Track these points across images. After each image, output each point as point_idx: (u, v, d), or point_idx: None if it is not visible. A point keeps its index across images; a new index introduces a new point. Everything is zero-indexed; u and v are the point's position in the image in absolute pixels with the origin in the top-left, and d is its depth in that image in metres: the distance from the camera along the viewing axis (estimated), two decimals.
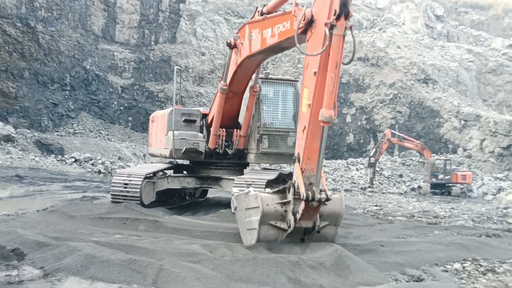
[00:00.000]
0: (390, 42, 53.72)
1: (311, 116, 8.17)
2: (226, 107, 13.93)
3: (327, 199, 8.05)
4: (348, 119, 50.16)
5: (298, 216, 8.21)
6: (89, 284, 6.40)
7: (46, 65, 45.69)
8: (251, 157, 14.56)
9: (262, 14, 11.19)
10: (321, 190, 8.02)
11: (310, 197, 7.92)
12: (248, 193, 9.12)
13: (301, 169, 8.24)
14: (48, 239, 8.34)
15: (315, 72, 8.20)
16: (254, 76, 13.35)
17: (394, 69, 50.49)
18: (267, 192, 8.94)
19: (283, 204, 8.45)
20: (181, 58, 53.83)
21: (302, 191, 8.00)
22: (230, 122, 14.40)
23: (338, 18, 7.81)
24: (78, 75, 48.81)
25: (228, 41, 12.30)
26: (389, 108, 49.08)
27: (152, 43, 54.88)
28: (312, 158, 8.25)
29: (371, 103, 49.80)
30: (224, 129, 14.30)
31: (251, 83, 13.43)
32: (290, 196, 8.31)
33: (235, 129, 14.42)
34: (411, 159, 43.36)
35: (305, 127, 8.26)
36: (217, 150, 14.58)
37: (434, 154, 40.95)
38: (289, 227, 8.36)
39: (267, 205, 8.43)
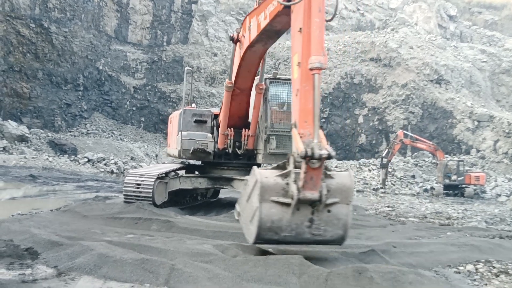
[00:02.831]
0: (402, 43, 53.48)
1: (302, 74, 7.65)
2: (234, 105, 13.83)
3: (329, 157, 7.24)
4: (360, 119, 50.00)
5: (300, 183, 7.34)
6: (102, 283, 6.44)
7: (59, 65, 46.01)
8: (259, 158, 14.50)
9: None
10: (322, 147, 7.30)
11: (309, 153, 7.18)
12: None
13: (299, 134, 7.59)
14: (62, 238, 8.41)
15: (300, 29, 7.93)
16: (259, 73, 13.26)
17: (406, 69, 50.24)
18: (266, 168, 8.13)
19: (284, 176, 7.59)
20: (193, 59, 53.97)
21: (301, 148, 7.28)
22: (240, 121, 14.31)
23: None
24: (91, 75, 49.11)
25: (231, 35, 12.16)
26: (401, 109, 48.85)
27: (165, 43, 55.09)
28: (308, 121, 7.62)
29: (384, 103, 49.60)
30: (232, 129, 14.24)
31: (257, 81, 13.34)
32: (291, 166, 7.51)
33: (243, 129, 14.36)
34: (424, 160, 43.13)
35: (298, 90, 7.72)
36: (227, 150, 14.55)
37: (447, 155, 40.69)
38: (293, 199, 7.39)
39: (266, 177, 7.56)
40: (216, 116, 14.99)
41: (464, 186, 34.84)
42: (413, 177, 39.54)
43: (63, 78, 46.37)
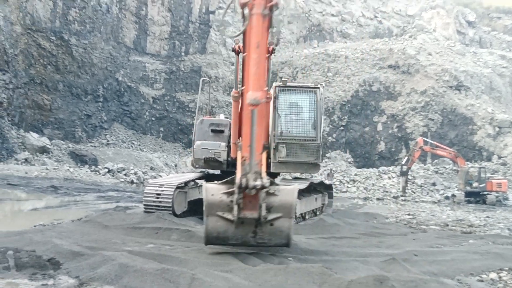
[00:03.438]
0: (421, 49, 53.19)
1: (244, 104, 8.05)
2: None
3: (263, 187, 7.76)
4: (379, 127, 49.74)
5: (241, 205, 7.93)
6: None
7: (79, 77, 46.55)
8: (271, 166, 14.53)
9: None
10: (257, 178, 7.73)
11: (243, 185, 7.70)
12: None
13: (242, 157, 8.03)
14: (83, 248, 8.49)
15: (244, 57, 8.09)
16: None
17: (425, 76, 49.93)
18: (216, 183, 8.65)
19: (229, 194, 8.13)
20: (211, 68, 54.25)
21: (237, 178, 7.80)
22: None
23: None
24: (111, 86, 49.59)
25: (233, 46, 12.36)
26: (421, 116, 48.52)
27: (183, 54, 55.45)
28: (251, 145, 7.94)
29: (403, 110, 49.30)
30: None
31: None
32: (235, 186, 7.98)
33: None
34: (444, 167, 42.72)
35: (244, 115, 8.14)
36: None
37: (468, 162, 40.26)
38: (234, 217, 8.06)
39: (212, 195, 8.23)
40: None
41: (486, 193, 34.42)
42: (434, 184, 39.19)
43: (83, 89, 46.89)
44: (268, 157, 14.56)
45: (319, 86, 14.64)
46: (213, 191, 8.27)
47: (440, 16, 61.90)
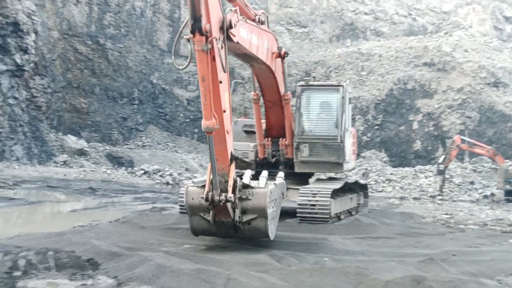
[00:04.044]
0: (457, 46, 52.24)
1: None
2: (272, 117, 14.09)
3: (227, 201, 8.56)
4: (415, 125, 49.02)
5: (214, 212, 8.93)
6: None
7: (115, 80, 47.26)
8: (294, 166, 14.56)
9: None
10: (221, 193, 8.51)
11: (209, 200, 8.59)
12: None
13: (217, 168, 8.68)
14: (121, 249, 8.63)
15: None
16: (282, 85, 13.36)
17: (462, 73, 49.02)
18: (197, 186, 9.38)
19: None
20: (244, 69, 54.27)
21: (204, 193, 8.69)
22: (283, 131, 14.46)
23: (193, 34, 8.39)
24: (146, 89, 50.16)
25: None
26: (457, 114, 47.65)
27: None
28: (219, 159, 8.69)
29: (439, 109, 48.48)
30: (269, 139, 14.42)
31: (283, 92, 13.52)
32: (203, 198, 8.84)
33: (281, 138, 14.45)
34: (483, 166, 41.82)
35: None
36: (269, 160, 14.63)
37: (507, 160, 39.32)
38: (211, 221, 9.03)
39: (192, 198, 9.08)
40: None
41: None
42: (472, 183, 38.40)
43: (119, 92, 47.57)
44: (291, 157, 14.56)
45: (342, 84, 14.55)
46: (193, 195, 9.11)
47: (476, 12, 60.69)
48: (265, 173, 10.28)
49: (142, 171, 35.63)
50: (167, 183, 33.54)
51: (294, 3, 59.87)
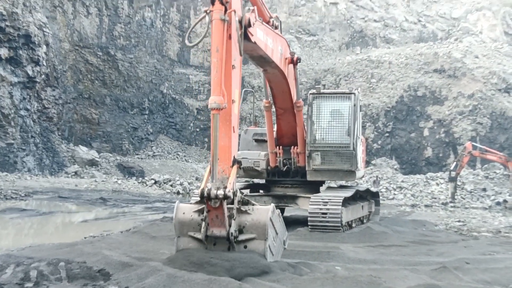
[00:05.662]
0: (467, 52, 52.05)
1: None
2: (284, 124, 14.01)
3: (225, 197, 7.33)
4: (426, 132, 48.82)
5: (207, 220, 7.59)
6: None
7: (125, 91, 47.57)
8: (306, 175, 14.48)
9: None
10: (220, 187, 7.43)
11: (205, 194, 7.36)
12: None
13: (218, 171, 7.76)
14: (132, 259, 8.60)
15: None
16: (295, 91, 13.31)
17: (472, 79, 48.81)
18: (190, 203, 8.51)
19: (200, 212, 7.79)
20: (254, 78, 54.47)
21: (201, 188, 7.55)
22: (295, 139, 14.42)
23: (212, 3, 7.86)
24: (156, 99, 50.40)
25: None
26: (469, 120, 47.40)
27: None
28: (221, 158, 7.78)
29: (449, 115, 48.27)
30: (280, 147, 14.37)
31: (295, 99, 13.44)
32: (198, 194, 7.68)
33: (292, 146, 14.39)
34: (495, 172, 41.52)
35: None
36: (281, 169, 14.59)
37: None
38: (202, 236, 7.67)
39: (183, 213, 7.89)
40: None
41: None
42: (484, 190, 38.12)
43: (130, 103, 47.84)
44: (303, 165, 14.50)
45: (354, 91, 14.51)
46: (184, 210, 7.96)
47: (487, 17, 60.47)
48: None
49: (153, 181, 35.73)
50: (178, 193, 33.59)
51: (303, 12, 60.00)
